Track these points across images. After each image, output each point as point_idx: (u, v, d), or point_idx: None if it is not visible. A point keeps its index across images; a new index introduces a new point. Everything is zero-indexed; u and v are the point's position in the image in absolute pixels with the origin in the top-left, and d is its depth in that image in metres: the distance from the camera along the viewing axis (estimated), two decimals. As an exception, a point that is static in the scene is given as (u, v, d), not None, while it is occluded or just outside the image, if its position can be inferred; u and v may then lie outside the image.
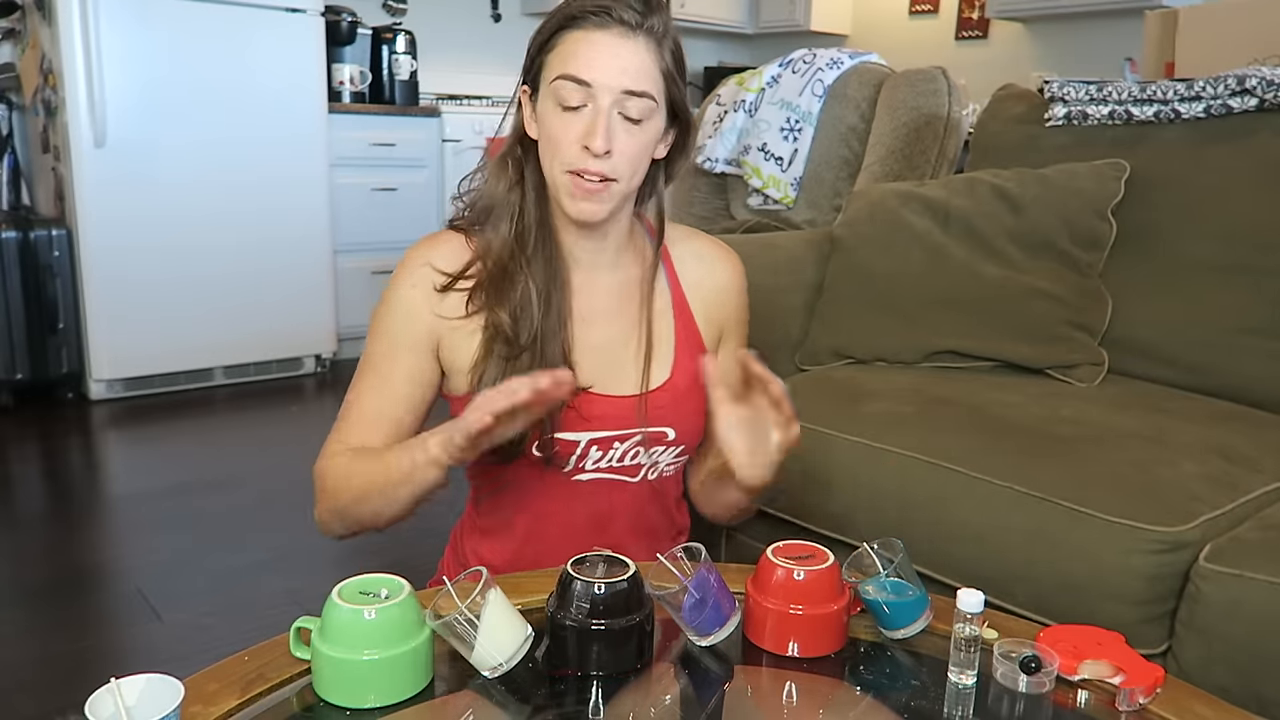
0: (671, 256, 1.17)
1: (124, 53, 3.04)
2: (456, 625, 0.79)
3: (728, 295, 1.20)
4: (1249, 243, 1.49)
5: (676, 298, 1.16)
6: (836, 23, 5.19)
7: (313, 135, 3.49)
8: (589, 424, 1.08)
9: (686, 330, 1.15)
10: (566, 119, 1.00)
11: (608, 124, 0.99)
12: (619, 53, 0.99)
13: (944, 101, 2.20)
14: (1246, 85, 1.55)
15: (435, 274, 1.06)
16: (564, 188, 1.02)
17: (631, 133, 1.01)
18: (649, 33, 1.00)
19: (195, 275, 3.29)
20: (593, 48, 0.99)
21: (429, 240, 1.10)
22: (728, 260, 1.21)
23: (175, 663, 0.82)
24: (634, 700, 0.82)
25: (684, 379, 1.13)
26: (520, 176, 1.07)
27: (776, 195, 2.41)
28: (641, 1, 0.99)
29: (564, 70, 0.99)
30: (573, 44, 0.99)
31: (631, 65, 0.99)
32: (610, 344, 1.11)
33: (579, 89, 0.99)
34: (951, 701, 0.81)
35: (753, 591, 0.89)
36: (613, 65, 0.98)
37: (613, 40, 0.99)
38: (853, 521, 1.33)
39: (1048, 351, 1.52)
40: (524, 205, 1.07)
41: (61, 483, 2.63)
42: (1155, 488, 1.12)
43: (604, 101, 0.99)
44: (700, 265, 1.18)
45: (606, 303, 1.12)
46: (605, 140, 0.98)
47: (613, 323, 1.12)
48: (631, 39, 0.99)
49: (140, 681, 0.70)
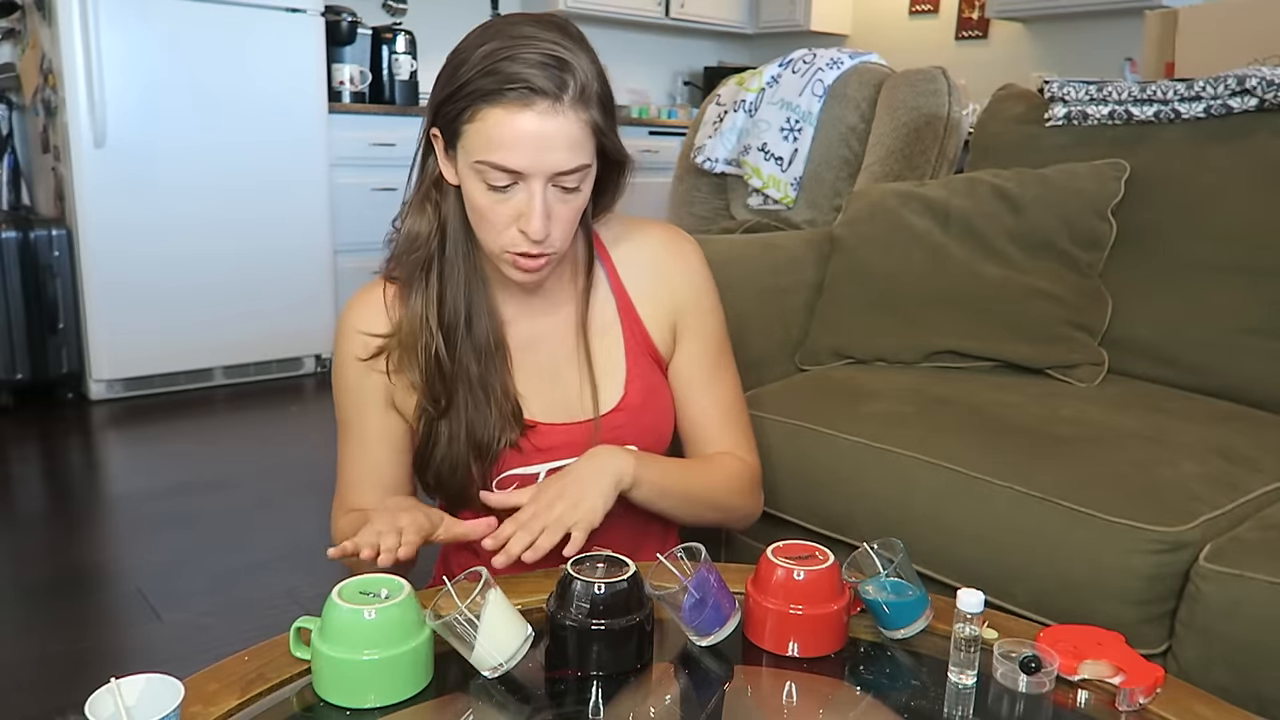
0: (614, 261, 1.12)
1: (124, 53, 3.04)
2: (456, 625, 0.79)
3: (675, 284, 1.13)
4: (1248, 243, 1.49)
5: (623, 306, 1.11)
6: (836, 23, 5.19)
7: (313, 135, 3.49)
8: (545, 455, 1.07)
9: (636, 340, 1.12)
10: (496, 199, 0.94)
11: (544, 207, 0.93)
12: (545, 133, 0.90)
13: (944, 101, 2.20)
14: (1246, 85, 1.55)
15: (360, 341, 1.05)
16: (504, 261, 0.99)
17: (568, 201, 0.96)
18: (574, 99, 0.91)
19: (195, 275, 3.29)
20: (517, 133, 0.90)
21: (359, 300, 1.08)
22: (675, 247, 1.15)
23: (175, 663, 0.82)
24: (634, 700, 0.82)
25: (639, 395, 1.10)
26: (440, 219, 1.02)
27: (776, 195, 2.41)
28: (558, 62, 0.90)
29: (488, 156, 0.91)
30: (495, 126, 0.91)
31: (561, 143, 0.91)
32: (555, 369, 1.09)
33: (507, 175, 0.92)
34: (951, 701, 0.81)
35: (753, 591, 0.89)
36: (542, 148, 0.91)
37: (538, 121, 0.90)
38: (853, 521, 1.33)
39: (1048, 351, 1.52)
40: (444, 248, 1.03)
41: (61, 483, 2.63)
42: (1155, 488, 1.12)
43: (536, 186, 0.92)
44: (643, 263, 1.13)
45: (548, 327, 1.10)
46: (544, 226, 0.93)
47: (557, 347, 1.09)
48: (556, 114, 0.90)
49: (140, 681, 0.70)
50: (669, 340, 1.14)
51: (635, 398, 1.10)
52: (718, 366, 1.17)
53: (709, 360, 1.16)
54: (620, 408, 1.09)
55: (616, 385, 1.10)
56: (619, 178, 1.04)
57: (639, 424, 1.10)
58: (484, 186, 0.94)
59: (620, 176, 1.04)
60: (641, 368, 1.11)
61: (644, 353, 1.12)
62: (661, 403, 1.14)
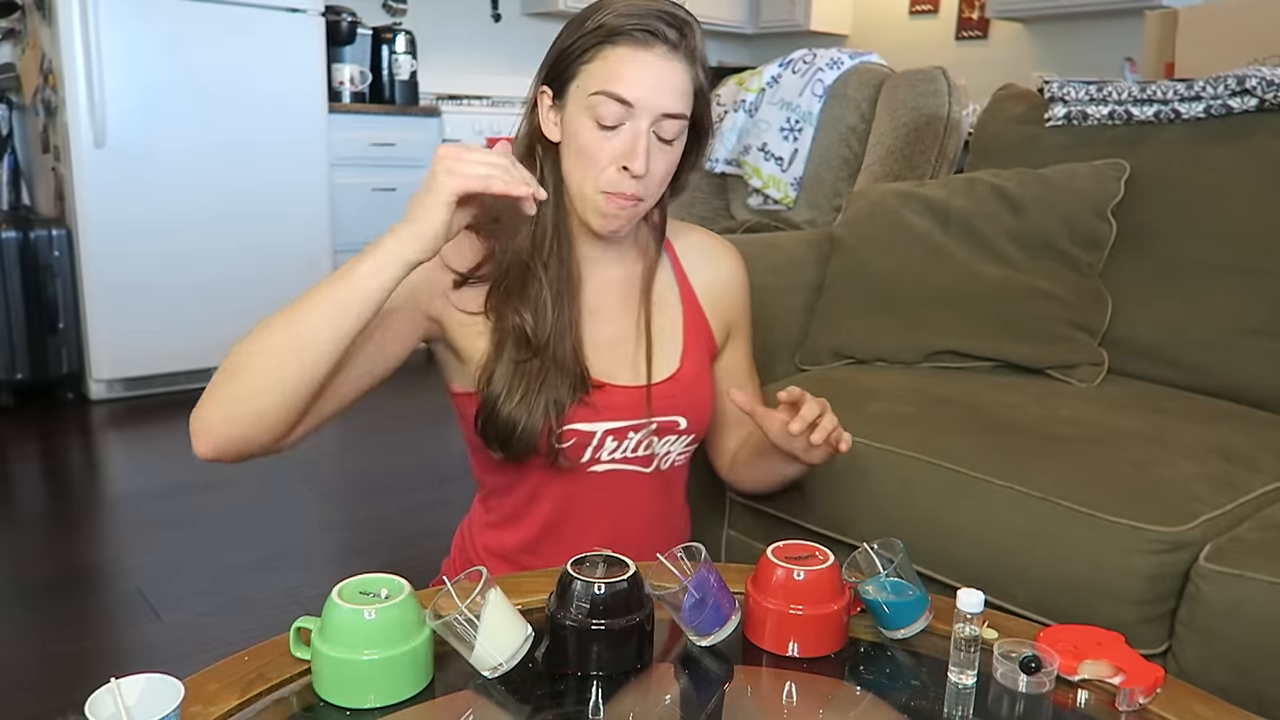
0: (676, 250, 1.19)
1: (124, 53, 3.04)
2: (456, 625, 0.79)
3: (732, 290, 1.23)
4: (1248, 243, 1.49)
5: (684, 289, 1.18)
6: (836, 23, 5.20)
7: (313, 135, 3.49)
8: (603, 414, 1.09)
9: (695, 321, 1.18)
10: (602, 136, 1.00)
11: (647, 146, 0.99)
12: (662, 74, 0.98)
13: (944, 101, 2.20)
14: (1246, 85, 1.55)
15: (448, 271, 1.06)
16: (595, 206, 1.03)
17: (664, 152, 1.02)
18: (687, 52, 1.00)
19: (195, 275, 3.29)
20: (637, 67, 0.98)
21: None
22: (730, 256, 1.24)
23: (175, 663, 0.82)
24: (634, 700, 0.82)
25: (693, 368, 1.15)
26: (540, 179, 1.06)
27: (776, 195, 2.41)
28: (680, 20, 0.99)
29: (606, 87, 0.98)
30: (616, 61, 0.98)
31: (673, 87, 0.99)
32: (619, 337, 1.13)
33: (620, 108, 0.98)
34: (951, 701, 0.81)
35: (753, 591, 0.89)
36: (656, 87, 0.98)
37: (656, 61, 0.98)
38: (853, 521, 1.33)
39: (1048, 351, 1.52)
40: (541, 208, 1.05)
41: (61, 483, 2.63)
42: (1155, 488, 1.12)
43: (643, 123, 0.99)
44: (704, 259, 1.21)
45: (614, 297, 1.14)
46: (645, 164, 0.99)
47: (620, 316, 1.13)
48: (673, 59, 0.99)
49: (140, 681, 0.69)
50: (723, 335, 1.22)
51: (690, 370, 1.15)
52: (752, 365, 1.30)
53: (749, 359, 1.28)
54: (675, 378, 1.13)
55: (673, 358, 1.14)
56: (698, 155, 1.10)
57: (691, 396, 1.14)
58: (592, 124, 0.99)
59: (699, 154, 1.10)
60: (697, 348, 1.17)
61: (700, 336, 1.18)
62: (708, 386, 1.19)
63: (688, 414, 1.14)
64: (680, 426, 1.13)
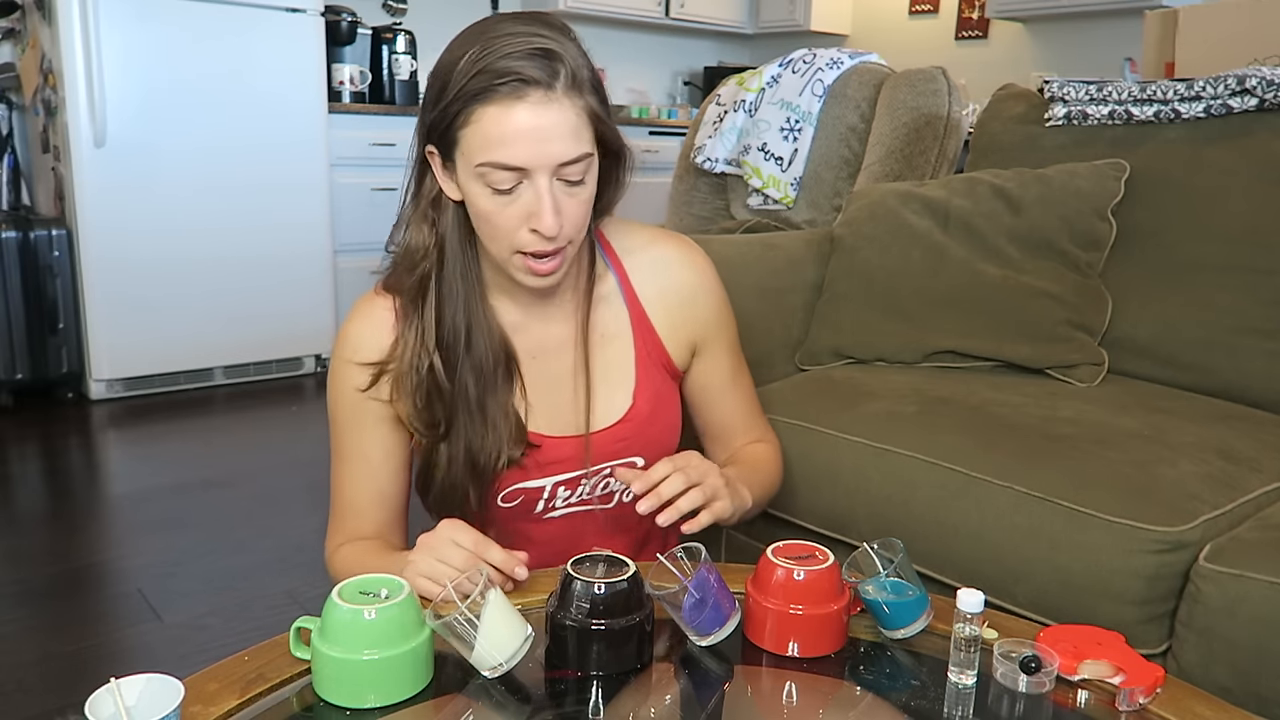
0: (626, 269, 1.09)
1: (124, 53, 3.04)
2: (456, 625, 0.79)
3: (693, 302, 1.12)
4: (1248, 243, 1.49)
5: (634, 313, 1.09)
6: (836, 23, 5.19)
7: (312, 135, 3.49)
8: (547, 470, 1.06)
9: (647, 347, 1.10)
10: (501, 202, 0.92)
11: (552, 202, 0.90)
12: (542, 125, 0.88)
13: (944, 101, 2.20)
14: (1246, 85, 1.55)
15: (357, 372, 1.02)
16: (515, 266, 0.96)
17: (575, 194, 0.93)
18: (567, 85, 0.89)
19: (195, 275, 3.29)
20: (514, 126, 0.87)
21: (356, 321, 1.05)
22: (691, 262, 1.13)
23: (175, 663, 0.82)
24: (634, 700, 0.82)
25: (648, 404, 1.09)
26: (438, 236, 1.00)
27: (776, 195, 2.41)
28: (545, 50, 0.88)
29: (488, 157, 0.89)
30: (491, 123, 0.88)
31: (561, 132, 0.89)
32: (563, 379, 1.07)
33: (511, 173, 0.90)
34: (951, 701, 0.81)
35: (753, 591, 0.89)
36: (543, 139, 0.88)
37: (533, 111, 0.87)
38: (853, 521, 1.33)
39: (1048, 351, 1.52)
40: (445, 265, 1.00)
41: (61, 483, 2.63)
42: (1155, 488, 1.12)
43: (542, 181, 0.90)
44: (657, 274, 1.10)
45: (554, 337, 1.07)
46: (555, 221, 0.91)
47: (563, 357, 1.07)
48: (550, 103, 0.88)
49: (140, 681, 0.70)
50: (685, 354, 1.14)
51: (644, 407, 1.08)
52: (737, 368, 1.20)
53: (731, 364, 1.19)
54: (627, 419, 1.08)
55: (624, 395, 1.08)
56: (619, 172, 1.01)
57: (645, 436, 1.09)
58: (489, 191, 0.91)
59: (620, 170, 1.01)
60: (651, 377, 1.10)
61: (655, 363, 1.11)
62: (669, 414, 1.13)
63: (644, 452, 1.07)
64: (640, 465, 1.07)
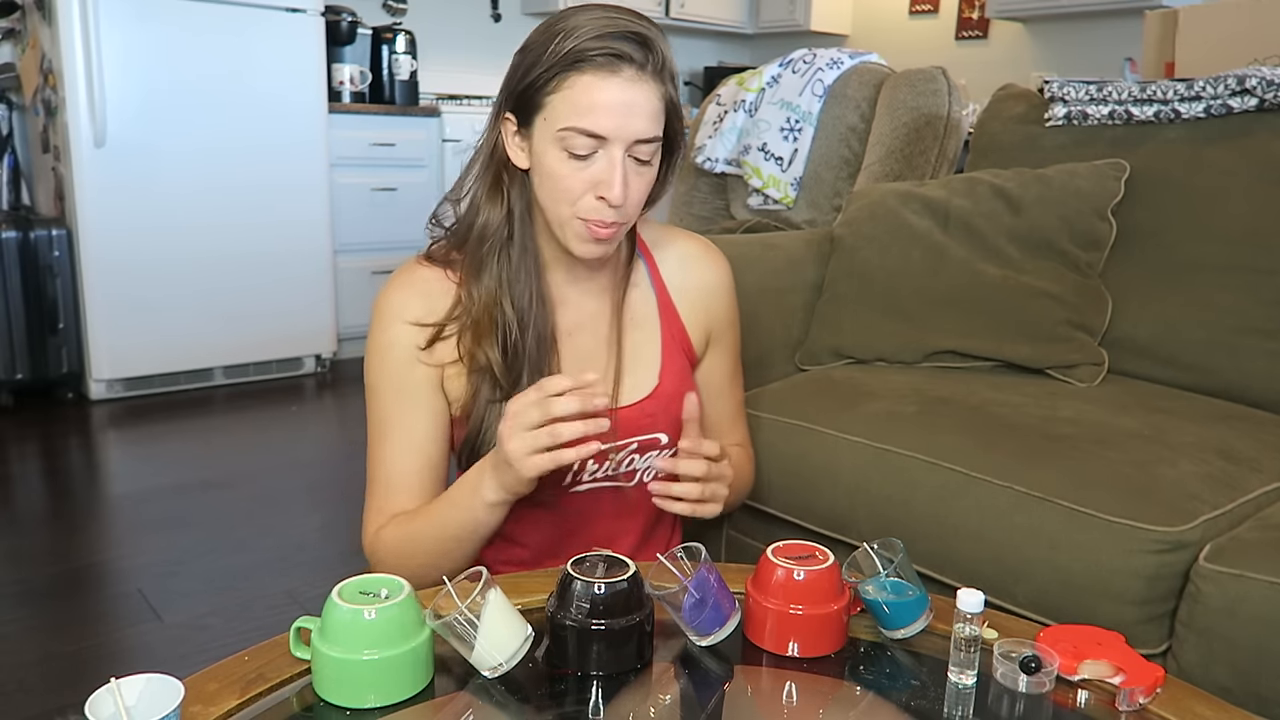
0: (656, 260, 1.16)
1: (124, 53, 3.04)
2: (456, 625, 0.79)
3: (715, 297, 1.19)
4: (1248, 243, 1.49)
5: (662, 301, 1.15)
6: (836, 23, 5.20)
7: (312, 135, 3.49)
8: None
9: (673, 333, 1.15)
10: (576, 166, 0.96)
11: (623, 174, 0.96)
12: (633, 99, 0.94)
13: (944, 101, 2.20)
14: (1246, 85, 1.55)
15: (413, 331, 1.04)
16: (574, 232, 1.00)
17: (640, 174, 0.99)
18: (655, 70, 0.96)
19: (195, 275, 3.29)
20: (605, 96, 0.93)
21: (401, 286, 1.07)
22: (714, 261, 1.20)
23: (175, 663, 0.82)
24: (634, 700, 0.82)
25: (672, 383, 1.13)
26: (509, 207, 1.04)
27: (776, 195, 2.41)
28: (645, 37, 0.95)
29: (574, 122, 0.94)
30: (582, 91, 0.94)
31: (644, 110, 0.95)
32: (596, 356, 1.11)
33: (592, 140, 0.95)
34: (951, 701, 0.81)
35: (753, 591, 0.89)
36: (627, 114, 0.94)
37: (623, 87, 0.94)
38: (853, 521, 1.33)
39: (1048, 351, 1.52)
40: (512, 235, 1.05)
41: (61, 483, 2.63)
42: (1155, 488, 1.12)
43: (617, 151, 0.95)
44: (686, 267, 1.17)
45: (590, 315, 1.12)
46: (622, 192, 0.96)
47: (597, 334, 1.11)
48: (642, 81, 0.95)
49: (140, 681, 0.70)
50: (702, 343, 1.20)
51: (669, 386, 1.12)
52: (736, 371, 1.25)
53: (731, 366, 1.24)
54: (654, 395, 1.12)
55: (651, 375, 1.13)
56: (669, 168, 1.06)
57: (670, 413, 1.11)
58: (565, 155, 0.96)
59: (670, 168, 1.06)
60: (675, 360, 1.15)
61: (679, 349, 1.16)
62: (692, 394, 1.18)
63: (669, 430, 1.11)
64: (662, 443, 1.11)
